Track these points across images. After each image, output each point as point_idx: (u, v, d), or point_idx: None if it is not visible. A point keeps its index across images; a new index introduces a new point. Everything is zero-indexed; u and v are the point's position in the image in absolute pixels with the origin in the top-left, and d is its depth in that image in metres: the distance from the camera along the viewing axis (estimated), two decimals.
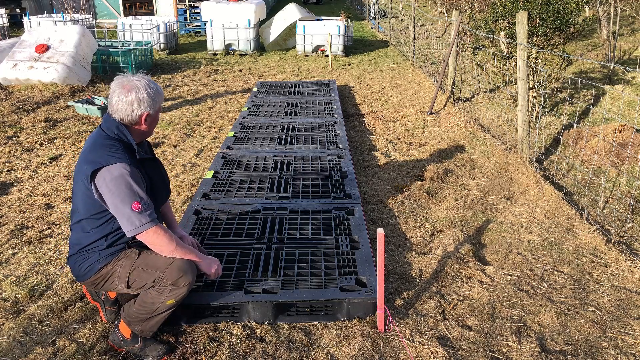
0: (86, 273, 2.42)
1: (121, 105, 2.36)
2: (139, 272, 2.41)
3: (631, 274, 3.18)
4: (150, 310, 2.43)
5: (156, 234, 2.33)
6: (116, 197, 2.26)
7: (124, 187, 2.26)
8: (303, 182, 4.25)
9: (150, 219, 2.30)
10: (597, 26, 11.36)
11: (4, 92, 7.78)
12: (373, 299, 2.72)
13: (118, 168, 2.27)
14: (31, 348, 2.56)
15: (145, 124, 2.43)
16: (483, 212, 4.05)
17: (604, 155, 5.01)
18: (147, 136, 2.52)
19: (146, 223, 2.29)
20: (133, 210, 2.27)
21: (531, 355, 2.52)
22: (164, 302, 2.41)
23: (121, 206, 2.26)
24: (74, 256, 2.45)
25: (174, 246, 2.38)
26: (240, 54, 12.06)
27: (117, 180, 2.26)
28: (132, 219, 2.27)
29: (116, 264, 2.42)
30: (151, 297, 2.41)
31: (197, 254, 2.50)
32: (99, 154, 2.29)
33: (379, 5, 18.53)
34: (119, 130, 2.38)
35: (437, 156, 5.32)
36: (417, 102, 7.50)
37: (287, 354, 2.53)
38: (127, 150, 2.35)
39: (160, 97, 2.45)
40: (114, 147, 2.32)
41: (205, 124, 6.60)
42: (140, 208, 2.28)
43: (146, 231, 2.30)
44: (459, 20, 6.86)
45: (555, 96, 7.23)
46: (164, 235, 2.35)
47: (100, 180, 2.28)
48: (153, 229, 2.32)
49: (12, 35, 12.85)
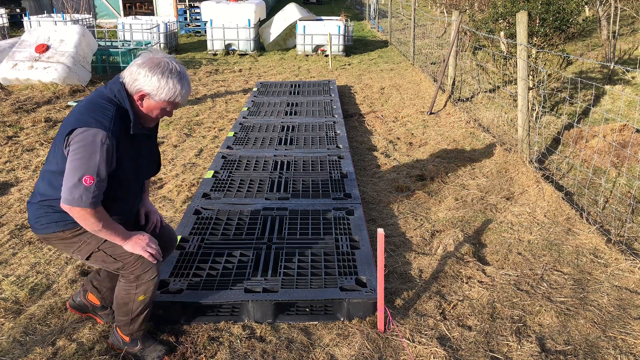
0: (41, 228, 2.28)
1: (133, 69, 2.18)
2: (102, 255, 2.31)
3: (631, 274, 3.18)
4: (127, 311, 2.39)
5: (88, 215, 2.13)
6: (74, 161, 2.09)
7: (88, 155, 2.08)
8: (303, 182, 4.25)
9: (92, 201, 2.10)
10: (597, 26, 11.36)
11: (4, 92, 7.78)
12: (373, 299, 2.72)
13: (94, 133, 2.09)
14: (31, 348, 2.56)
15: (140, 102, 2.22)
16: (483, 212, 4.05)
17: (604, 155, 5.01)
18: (148, 120, 2.30)
19: (85, 202, 2.09)
20: (82, 182, 2.08)
21: (531, 355, 2.52)
22: (136, 300, 2.36)
23: (73, 172, 2.09)
24: (35, 205, 2.29)
25: (99, 228, 2.18)
26: (240, 54, 12.06)
27: (85, 145, 2.08)
28: (74, 189, 2.08)
29: (79, 236, 2.29)
30: (122, 297, 2.37)
31: (123, 235, 2.27)
32: (87, 113, 2.13)
33: (379, 5, 18.53)
34: (120, 94, 2.19)
35: (437, 156, 5.32)
36: (417, 102, 7.50)
37: (287, 354, 2.53)
38: (120, 119, 2.17)
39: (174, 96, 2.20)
40: (105, 110, 2.14)
41: (205, 124, 6.60)
42: (91, 184, 2.08)
43: (80, 208, 2.11)
44: (459, 20, 6.86)
45: (555, 96, 7.24)
46: (95, 220, 2.15)
47: (73, 138, 2.11)
48: (88, 210, 2.12)
49: (12, 35, 12.85)
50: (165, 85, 2.16)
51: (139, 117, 2.27)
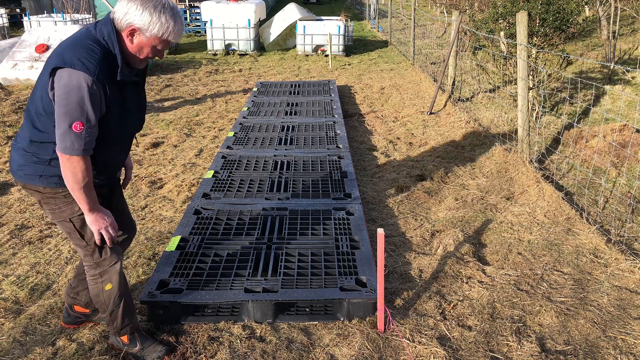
0: (23, 177, 2.23)
1: (124, 2, 2.07)
2: (70, 227, 2.26)
3: (631, 274, 3.18)
4: (102, 304, 2.38)
5: (78, 164, 2.06)
6: (61, 107, 2.01)
7: (75, 100, 1.99)
8: (303, 182, 4.25)
9: (84, 147, 2.04)
10: (597, 26, 11.36)
11: (4, 92, 7.78)
12: (373, 299, 2.72)
13: (79, 77, 1.98)
14: (31, 348, 2.56)
15: (130, 39, 2.10)
16: (483, 212, 4.05)
17: (604, 155, 5.01)
18: (137, 62, 2.18)
19: (77, 149, 2.03)
20: (72, 129, 2.00)
21: (531, 355, 2.52)
22: (104, 289, 2.33)
23: (62, 119, 2.01)
24: (20, 150, 2.22)
25: (79, 186, 2.09)
26: (240, 54, 12.06)
27: (70, 91, 1.99)
28: (66, 137, 2.02)
29: (57, 200, 2.23)
30: (92, 291, 2.37)
31: (92, 205, 2.16)
32: (72, 52, 2.02)
33: (379, 5, 18.53)
34: (110, 38, 2.08)
35: (437, 156, 5.32)
36: (417, 102, 7.50)
37: (287, 354, 2.53)
38: (106, 63, 2.06)
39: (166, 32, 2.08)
40: (91, 52, 2.03)
41: (205, 124, 6.60)
42: (81, 130, 2.01)
43: (72, 157, 2.04)
44: (459, 20, 6.86)
45: (555, 96, 7.23)
46: (81, 170, 2.07)
47: (57, 81, 2.01)
48: (78, 158, 2.05)
49: (12, 35, 12.86)
50: (157, 20, 2.05)
51: (128, 57, 2.15)
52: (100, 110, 2.07)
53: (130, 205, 4.20)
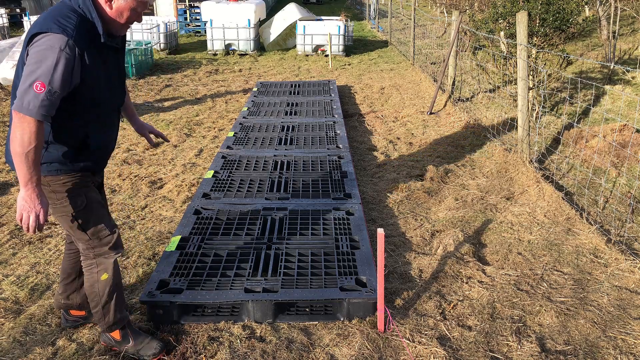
0: None
1: None
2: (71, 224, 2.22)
3: (631, 274, 3.18)
4: (96, 296, 2.36)
5: (29, 127, 1.92)
6: (30, 65, 1.93)
7: (43, 60, 1.92)
8: (303, 182, 4.25)
9: (39, 111, 1.92)
10: (597, 26, 11.36)
11: (4, 92, 7.78)
12: (373, 299, 2.72)
13: (54, 39, 1.93)
14: (31, 348, 2.56)
15: (109, 4, 2.07)
16: (483, 212, 4.05)
17: (604, 155, 5.01)
18: (118, 27, 2.15)
19: (32, 109, 1.91)
20: (32, 88, 1.90)
21: (531, 355, 2.52)
22: (100, 280, 2.33)
23: (27, 76, 1.92)
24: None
25: (22, 150, 1.94)
26: (240, 54, 12.06)
27: (42, 50, 1.93)
28: (25, 94, 1.92)
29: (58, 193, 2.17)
30: (87, 281, 2.35)
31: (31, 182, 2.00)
32: (49, 21, 1.97)
33: (379, 5, 18.53)
34: (85, 4, 2.04)
35: (437, 156, 5.32)
36: (417, 102, 7.50)
37: (287, 354, 2.53)
38: (84, 28, 2.01)
39: None
40: (68, 18, 1.99)
41: (205, 124, 6.60)
42: (41, 91, 1.90)
43: (27, 117, 1.92)
44: (459, 20, 6.86)
45: (555, 96, 7.24)
46: (29, 133, 1.93)
47: (32, 46, 1.95)
48: (31, 120, 1.92)
49: (12, 35, 12.85)
50: None
51: (108, 24, 2.11)
52: (71, 79, 1.99)
53: (130, 205, 4.20)
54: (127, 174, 4.85)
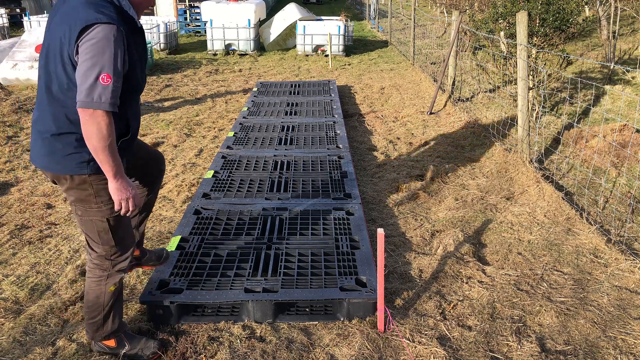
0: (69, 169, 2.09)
1: None
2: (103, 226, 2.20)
3: (631, 274, 3.18)
4: (99, 306, 2.33)
5: (103, 120, 1.93)
6: (88, 60, 1.90)
7: (103, 52, 1.91)
8: (303, 182, 4.25)
9: (111, 102, 1.93)
10: (597, 26, 11.36)
11: (4, 92, 7.78)
12: (373, 299, 2.72)
13: (107, 29, 1.92)
14: (31, 348, 2.56)
15: None
16: (483, 212, 4.05)
17: (604, 155, 5.01)
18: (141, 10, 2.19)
19: (104, 102, 1.91)
20: (99, 81, 1.90)
21: (531, 355, 2.52)
22: (107, 291, 2.30)
23: (89, 72, 1.90)
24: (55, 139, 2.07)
25: (104, 144, 1.96)
26: (240, 54, 12.06)
27: (98, 42, 1.91)
28: (92, 89, 1.90)
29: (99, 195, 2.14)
30: (93, 292, 2.32)
31: (119, 170, 2.05)
32: (90, 12, 1.94)
33: (379, 5, 18.53)
34: None
35: (437, 156, 5.32)
36: (417, 102, 7.50)
37: (287, 354, 2.52)
38: (121, 15, 2.01)
39: None
40: (105, 7, 1.98)
41: (205, 124, 6.60)
42: (108, 82, 1.91)
43: (97, 110, 1.91)
44: (459, 20, 6.86)
45: (555, 96, 7.24)
46: (107, 127, 1.95)
47: (84, 40, 1.92)
48: (103, 113, 1.93)
49: (12, 35, 12.85)
50: None
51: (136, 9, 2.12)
52: (124, 63, 2.00)
53: None
54: None
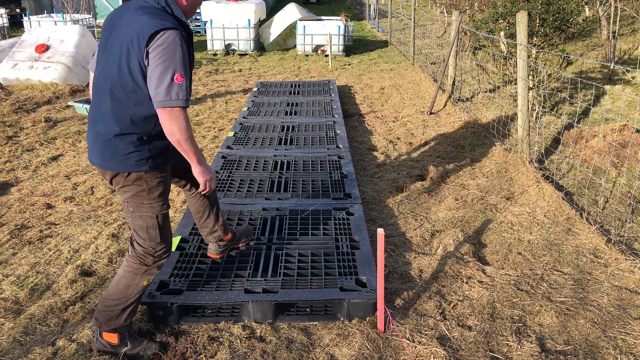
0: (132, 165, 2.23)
1: None
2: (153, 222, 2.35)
3: (631, 274, 3.18)
4: (123, 297, 2.39)
5: (182, 115, 2.13)
6: (162, 64, 2.08)
7: (174, 55, 2.09)
8: (303, 182, 4.25)
9: (186, 98, 2.12)
10: (597, 26, 11.36)
11: (4, 92, 7.78)
12: (373, 299, 2.72)
13: (173, 34, 2.10)
14: (31, 348, 2.56)
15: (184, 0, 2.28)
16: (483, 212, 4.05)
17: (604, 155, 5.01)
18: (188, 16, 2.36)
19: (182, 99, 2.10)
20: (175, 81, 2.09)
21: (531, 355, 2.52)
22: (139, 285, 2.39)
23: (164, 74, 2.08)
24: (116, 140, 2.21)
25: (187, 136, 2.16)
26: (240, 54, 12.06)
27: (169, 46, 2.09)
28: (170, 89, 2.08)
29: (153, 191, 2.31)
30: (124, 282, 2.39)
31: (200, 155, 2.29)
32: (155, 19, 2.11)
33: (379, 5, 18.53)
34: (167, 2, 2.23)
35: (437, 156, 5.32)
36: (417, 102, 7.50)
37: (287, 354, 2.52)
38: (178, 22, 2.20)
39: None
40: (166, 16, 2.17)
41: (205, 124, 6.60)
42: (182, 82, 2.10)
43: (175, 108, 2.10)
44: (459, 20, 6.86)
45: (555, 96, 7.24)
46: (186, 121, 2.15)
47: (154, 45, 2.08)
48: (181, 110, 2.12)
49: (12, 35, 12.86)
50: None
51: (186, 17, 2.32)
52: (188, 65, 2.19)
53: None
54: None
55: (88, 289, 3.05)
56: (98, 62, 2.30)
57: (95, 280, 3.14)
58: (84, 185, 4.62)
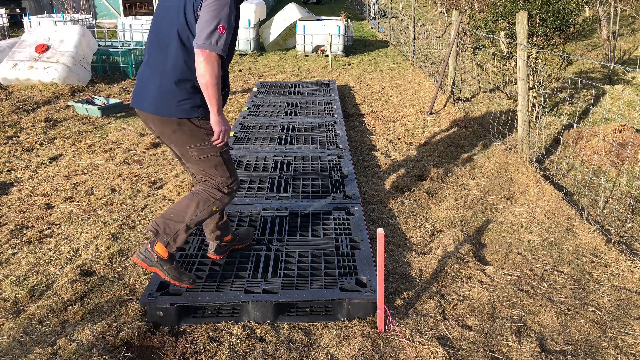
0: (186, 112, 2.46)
1: None
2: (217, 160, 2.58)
3: (631, 274, 3.18)
4: (192, 214, 2.59)
5: (216, 62, 2.34)
6: (210, 13, 2.31)
7: (222, 9, 2.32)
8: (303, 182, 4.25)
9: (223, 48, 2.33)
10: (597, 26, 11.36)
11: (4, 92, 7.78)
12: (373, 299, 2.72)
13: None
14: (31, 348, 2.56)
15: None
16: (483, 212, 4.05)
17: (604, 155, 5.01)
18: None
19: (220, 47, 2.31)
20: (218, 30, 2.31)
21: (531, 355, 2.52)
22: (209, 207, 2.63)
23: (210, 21, 2.30)
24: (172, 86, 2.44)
25: (215, 82, 2.36)
26: (240, 54, 12.06)
27: (220, 2, 2.32)
28: (212, 35, 2.30)
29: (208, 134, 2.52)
30: (197, 199, 2.61)
31: (220, 107, 2.47)
32: None
33: (379, 5, 18.53)
34: None
35: (437, 156, 5.32)
36: (417, 102, 7.50)
37: (287, 354, 2.53)
38: None
39: None
40: None
41: None
42: (224, 32, 2.32)
43: (212, 53, 2.32)
44: (459, 20, 6.86)
45: (555, 96, 7.24)
46: (218, 67, 2.36)
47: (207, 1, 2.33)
48: (216, 56, 2.33)
49: (12, 35, 12.86)
50: None
51: None
52: (234, 25, 2.42)
53: (130, 205, 4.20)
54: (127, 174, 4.85)
55: (88, 289, 3.05)
56: (155, 18, 2.53)
57: (95, 280, 3.14)
58: (84, 185, 4.62)
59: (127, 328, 2.65)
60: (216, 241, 3.00)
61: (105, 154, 5.43)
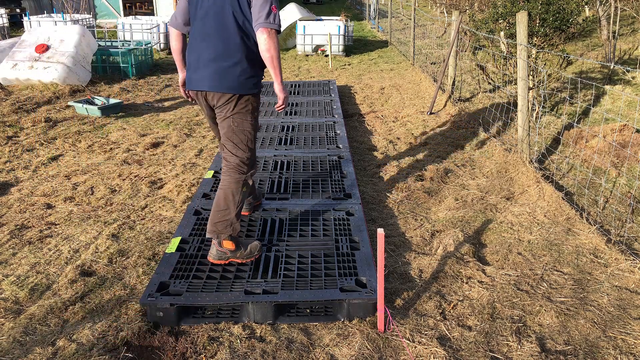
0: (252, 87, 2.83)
1: None
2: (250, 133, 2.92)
3: (631, 274, 3.18)
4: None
5: (276, 37, 2.68)
6: None
7: None
8: (303, 182, 4.25)
9: (280, 24, 2.66)
10: (597, 26, 11.36)
11: (4, 92, 7.78)
12: (373, 299, 2.72)
13: None
14: (31, 348, 2.56)
15: None
16: (483, 212, 4.05)
17: (604, 155, 5.01)
18: None
19: (277, 24, 2.65)
20: (272, 10, 2.65)
21: (531, 355, 2.52)
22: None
23: (265, 4, 2.64)
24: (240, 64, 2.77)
25: (278, 55, 2.70)
26: None
27: None
28: (269, 15, 2.63)
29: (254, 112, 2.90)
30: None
31: (281, 77, 2.80)
32: None
33: (379, 5, 18.53)
34: None
35: (437, 156, 5.32)
36: (417, 102, 7.50)
37: (287, 354, 2.53)
38: None
39: None
40: None
41: (205, 124, 6.59)
42: (277, 11, 2.68)
43: (272, 30, 2.65)
44: (459, 20, 6.86)
45: (555, 96, 7.24)
46: (278, 42, 2.70)
47: None
48: (276, 33, 2.67)
49: (12, 35, 12.86)
50: None
51: None
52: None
53: (130, 205, 4.21)
54: (127, 174, 4.85)
55: (88, 289, 3.05)
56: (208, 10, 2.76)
57: (95, 280, 3.14)
58: (84, 185, 4.62)
59: (127, 328, 2.66)
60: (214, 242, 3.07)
61: (105, 154, 5.43)
